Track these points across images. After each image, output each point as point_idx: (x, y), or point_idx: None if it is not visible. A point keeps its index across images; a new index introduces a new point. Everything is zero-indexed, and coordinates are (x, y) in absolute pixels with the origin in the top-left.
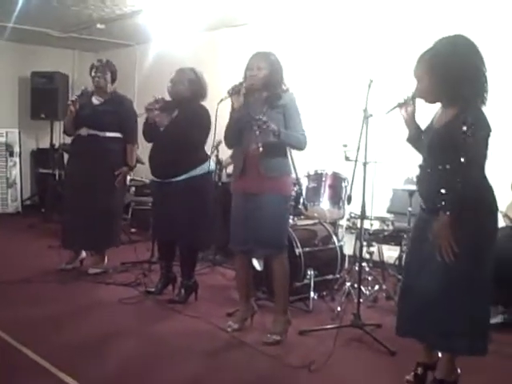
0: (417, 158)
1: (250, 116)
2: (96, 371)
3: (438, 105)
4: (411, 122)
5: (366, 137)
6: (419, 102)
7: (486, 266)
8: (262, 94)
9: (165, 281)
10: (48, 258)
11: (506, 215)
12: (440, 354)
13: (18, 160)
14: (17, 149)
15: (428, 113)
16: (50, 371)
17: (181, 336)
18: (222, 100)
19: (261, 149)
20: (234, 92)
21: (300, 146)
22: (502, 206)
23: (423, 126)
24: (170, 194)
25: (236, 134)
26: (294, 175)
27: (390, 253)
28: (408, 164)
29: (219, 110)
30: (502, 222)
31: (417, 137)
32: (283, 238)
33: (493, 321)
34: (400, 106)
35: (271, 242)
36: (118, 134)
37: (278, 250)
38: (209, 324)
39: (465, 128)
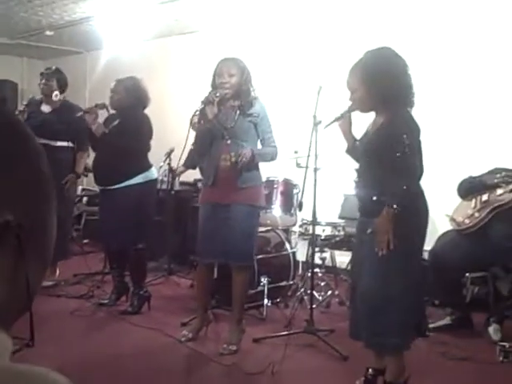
0: None
1: (220, 125)
2: None
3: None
4: (349, 134)
5: (316, 143)
6: (355, 114)
7: (416, 266)
8: (234, 102)
9: (118, 292)
10: None
11: (452, 219)
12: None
13: None
14: None
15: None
16: None
17: (134, 347)
18: (196, 110)
19: (233, 159)
20: (208, 102)
21: (271, 160)
22: (448, 209)
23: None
24: (111, 202)
25: (207, 144)
26: None
27: (343, 258)
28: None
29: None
30: (448, 226)
31: (354, 148)
32: (252, 250)
33: (440, 323)
34: (337, 119)
35: (241, 254)
36: (68, 143)
37: (247, 262)
38: (163, 335)
39: (400, 140)
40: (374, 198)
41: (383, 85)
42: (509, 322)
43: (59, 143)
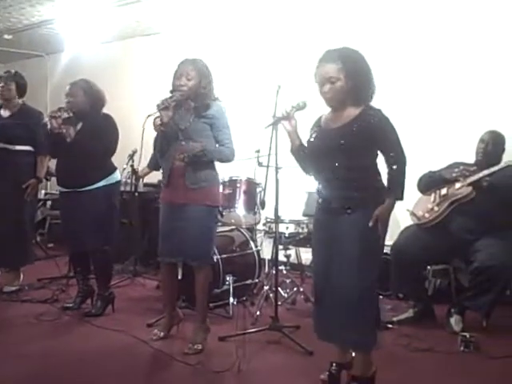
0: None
1: (176, 126)
2: None
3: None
4: (294, 133)
5: (276, 142)
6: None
7: (379, 260)
8: (190, 104)
9: (83, 295)
10: None
11: (412, 213)
12: (354, 354)
13: None
14: None
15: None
16: None
17: (98, 351)
18: (149, 115)
19: (186, 159)
20: (163, 107)
21: (226, 159)
22: (409, 204)
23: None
24: (77, 204)
25: (164, 146)
26: None
27: (307, 255)
28: None
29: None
30: (409, 221)
31: (300, 147)
32: (210, 249)
33: (404, 316)
34: (283, 119)
35: (197, 253)
36: (28, 147)
37: (205, 261)
38: (128, 336)
39: (386, 128)
40: (356, 185)
41: (364, 79)
42: (469, 312)
43: (18, 147)
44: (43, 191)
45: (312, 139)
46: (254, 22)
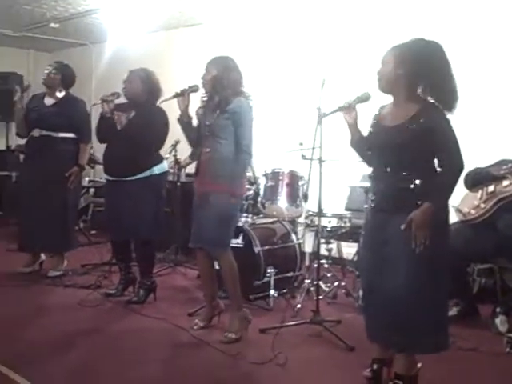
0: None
1: (204, 121)
2: (55, 375)
3: (377, 103)
4: (355, 126)
5: (320, 135)
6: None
7: (444, 263)
8: (214, 99)
9: (125, 282)
10: (6, 261)
11: (458, 210)
12: None
13: None
14: None
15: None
16: (8, 376)
17: (140, 337)
18: (163, 100)
19: (208, 152)
20: (179, 94)
21: (245, 168)
22: (454, 201)
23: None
24: (123, 193)
25: (191, 136)
26: (250, 175)
27: (349, 249)
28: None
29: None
30: (455, 217)
31: (360, 140)
32: (225, 237)
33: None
34: (343, 109)
35: (213, 241)
36: (71, 135)
37: (219, 249)
38: (168, 324)
39: (442, 132)
40: (412, 186)
41: (419, 71)
42: None
43: (62, 134)
44: (87, 178)
45: (369, 133)
46: (300, 14)
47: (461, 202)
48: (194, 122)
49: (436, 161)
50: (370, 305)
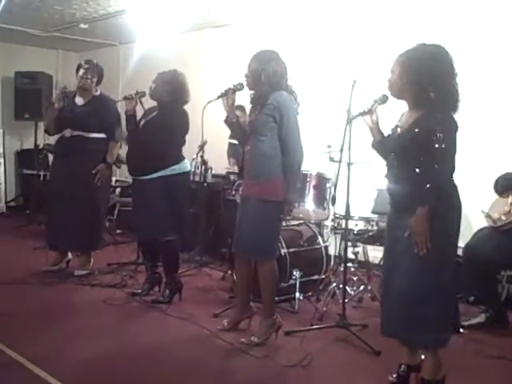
0: None
1: (248, 119)
2: (79, 371)
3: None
4: (376, 129)
5: (349, 137)
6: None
7: (449, 262)
8: (256, 94)
9: (150, 282)
10: (33, 259)
11: (488, 215)
12: (423, 356)
13: (1, 161)
14: (0, 149)
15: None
16: (33, 372)
17: (164, 337)
18: (209, 101)
19: (249, 150)
20: (222, 95)
21: (300, 165)
22: (484, 206)
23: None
24: (143, 192)
25: (239, 136)
26: None
27: (375, 253)
28: None
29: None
30: (483, 222)
31: (381, 143)
32: (268, 245)
33: (475, 320)
34: (364, 114)
35: (255, 248)
36: (102, 135)
37: (261, 256)
38: (193, 325)
39: (435, 136)
40: (416, 188)
41: (423, 82)
42: None
43: (93, 135)
44: (113, 178)
45: (386, 137)
46: (329, 14)
47: (490, 207)
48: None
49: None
50: (385, 301)
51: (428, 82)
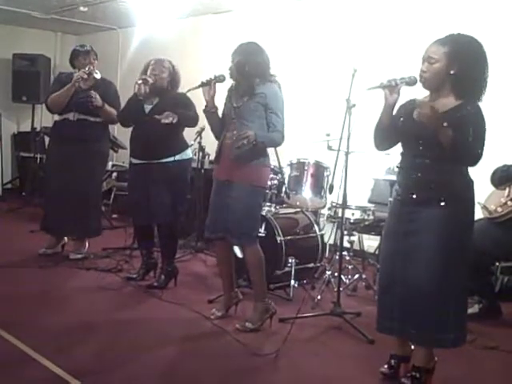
0: (398, 148)
1: (231, 104)
2: (75, 356)
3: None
4: (391, 109)
5: (348, 126)
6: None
7: (467, 258)
8: (242, 86)
9: (146, 267)
10: (28, 242)
11: (484, 207)
12: (413, 347)
13: None
14: None
15: None
16: (29, 355)
17: (159, 322)
18: (188, 90)
19: (237, 149)
20: (205, 84)
21: (275, 145)
22: (481, 197)
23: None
24: (148, 177)
25: (216, 127)
26: (275, 164)
27: (370, 242)
28: (389, 154)
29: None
30: (480, 214)
31: (388, 126)
32: (253, 228)
33: (469, 311)
34: (387, 87)
35: (240, 232)
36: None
37: (247, 240)
38: (188, 310)
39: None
40: (441, 179)
41: (472, 71)
42: None
43: (98, 119)
44: (110, 163)
45: (402, 124)
46: (330, 2)
47: (487, 198)
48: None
49: None
50: (387, 296)
51: (476, 72)
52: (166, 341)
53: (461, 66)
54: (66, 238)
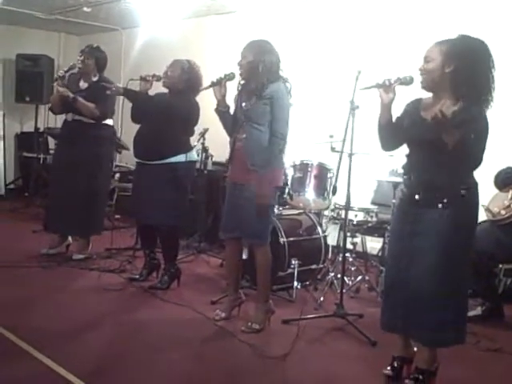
0: (403, 151)
1: (240, 107)
2: (78, 356)
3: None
4: (388, 108)
5: (352, 128)
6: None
7: (469, 263)
8: (251, 85)
9: (149, 268)
10: (31, 242)
11: (487, 209)
12: (416, 348)
13: (1, 143)
14: (0, 132)
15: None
16: (32, 355)
17: (162, 323)
18: (202, 89)
19: (244, 138)
20: (215, 83)
21: (281, 152)
22: (484, 200)
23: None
24: (149, 178)
25: (229, 126)
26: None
27: (373, 244)
28: (393, 156)
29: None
30: (483, 217)
31: (388, 124)
32: (266, 230)
33: (472, 313)
34: (381, 87)
35: (253, 233)
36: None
37: (260, 241)
38: (191, 311)
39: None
40: (447, 182)
41: (464, 67)
42: None
43: (91, 120)
44: (113, 163)
45: (407, 125)
46: (334, 3)
47: (490, 201)
48: (231, 111)
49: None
50: (392, 295)
51: (472, 73)
52: (170, 342)
53: (457, 65)
54: (70, 239)
